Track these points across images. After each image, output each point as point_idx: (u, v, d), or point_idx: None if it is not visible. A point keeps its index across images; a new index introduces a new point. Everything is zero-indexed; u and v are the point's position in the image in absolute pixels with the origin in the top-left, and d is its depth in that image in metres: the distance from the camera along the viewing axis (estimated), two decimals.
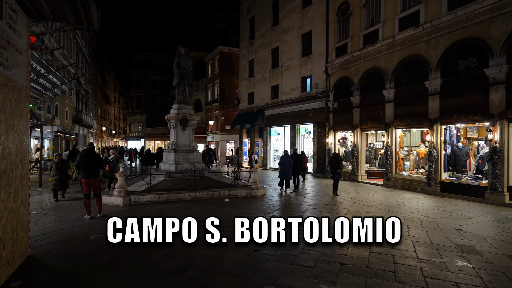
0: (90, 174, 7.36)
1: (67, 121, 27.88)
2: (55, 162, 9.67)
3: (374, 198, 10.42)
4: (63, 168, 9.68)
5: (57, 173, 9.45)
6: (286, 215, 7.72)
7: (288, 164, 11.46)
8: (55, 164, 9.61)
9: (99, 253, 4.89)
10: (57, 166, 9.53)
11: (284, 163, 11.51)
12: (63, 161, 9.99)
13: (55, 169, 9.48)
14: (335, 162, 10.92)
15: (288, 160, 11.50)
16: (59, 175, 9.45)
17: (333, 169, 10.91)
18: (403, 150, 13.25)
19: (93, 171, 7.40)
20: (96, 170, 7.48)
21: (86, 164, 7.34)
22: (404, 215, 7.86)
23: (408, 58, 11.94)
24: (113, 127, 64.52)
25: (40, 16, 4.83)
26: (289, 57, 19.88)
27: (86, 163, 7.34)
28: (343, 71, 15.40)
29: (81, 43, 34.18)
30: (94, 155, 7.67)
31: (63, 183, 9.61)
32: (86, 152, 7.65)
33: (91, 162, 7.39)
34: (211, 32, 41.07)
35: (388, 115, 12.72)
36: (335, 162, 10.93)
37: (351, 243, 5.40)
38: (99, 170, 7.65)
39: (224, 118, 31.18)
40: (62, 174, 9.53)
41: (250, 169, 11.17)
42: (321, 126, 17.13)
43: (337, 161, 10.96)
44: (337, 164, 10.91)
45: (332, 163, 11.00)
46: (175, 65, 11.96)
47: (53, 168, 9.55)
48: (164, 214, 7.66)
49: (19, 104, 4.45)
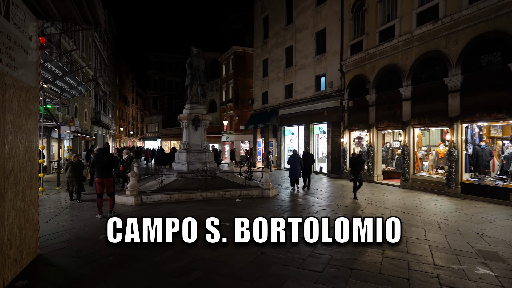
0: (104, 173, 7.45)
1: (86, 122, 28.61)
2: (71, 163, 9.37)
3: (390, 199, 10.05)
4: (79, 169, 9.40)
5: (72, 175, 9.18)
6: (297, 217, 7.52)
7: (297, 163, 11.51)
8: (72, 165, 9.31)
9: (106, 253, 4.88)
10: (73, 168, 9.24)
11: (293, 162, 11.57)
12: (80, 162, 9.69)
13: (71, 170, 9.22)
14: (357, 163, 10.15)
15: (296, 159, 11.55)
16: (74, 177, 9.18)
17: (355, 171, 10.10)
18: (421, 150, 12.75)
19: (106, 170, 7.48)
20: (109, 169, 7.55)
21: (99, 163, 7.45)
22: (421, 217, 7.51)
23: (426, 54, 11.47)
24: (131, 127, 65.95)
25: (48, 17, 4.87)
26: (303, 55, 19.60)
27: (100, 163, 7.46)
28: (358, 69, 15.02)
29: (99, 46, 35.03)
30: (108, 154, 7.76)
31: (79, 186, 9.31)
32: (100, 152, 7.77)
33: (104, 161, 7.49)
34: (225, 33, 41.20)
35: (405, 113, 12.27)
36: (357, 163, 10.15)
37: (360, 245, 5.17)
38: (112, 169, 7.72)
39: (238, 118, 31.19)
40: (77, 176, 9.26)
41: (262, 169, 11.02)
42: (335, 125, 16.78)
43: (358, 162, 10.22)
44: (359, 166, 10.16)
45: (354, 165, 10.21)
46: (187, 65, 11.97)
47: (68, 169, 9.27)
48: (174, 214, 7.64)
49: (28, 105, 4.49)
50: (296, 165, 11.50)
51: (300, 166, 11.56)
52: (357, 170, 10.03)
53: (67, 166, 9.43)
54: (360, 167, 10.17)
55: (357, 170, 10.03)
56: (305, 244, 5.36)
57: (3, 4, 3.70)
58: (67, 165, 9.43)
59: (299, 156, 11.78)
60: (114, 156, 8.94)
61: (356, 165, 10.08)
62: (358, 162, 10.16)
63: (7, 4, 3.81)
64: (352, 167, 10.25)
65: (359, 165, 10.15)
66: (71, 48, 23.56)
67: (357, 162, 10.16)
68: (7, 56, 3.83)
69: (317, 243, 5.29)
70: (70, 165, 9.33)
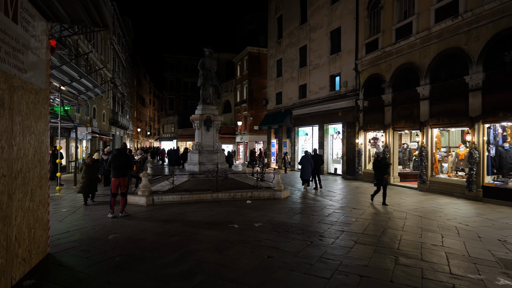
0: (120, 173, 7.59)
1: (104, 123, 29.32)
2: (85, 164, 9.11)
3: (407, 202, 9.70)
4: (93, 170, 9.10)
5: (85, 176, 8.93)
6: (308, 220, 7.35)
7: (308, 164, 11.75)
8: (85, 166, 9.07)
9: (113, 254, 4.90)
10: (87, 168, 8.99)
11: (304, 163, 11.82)
12: (94, 163, 9.31)
13: (85, 171, 8.99)
14: (382, 166, 9.24)
15: (308, 160, 11.78)
16: (87, 177, 8.90)
17: (379, 174, 9.23)
18: (440, 151, 12.26)
19: (123, 170, 7.62)
20: (125, 169, 7.69)
21: (116, 163, 7.58)
22: (439, 222, 7.18)
23: (445, 52, 11.03)
24: (148, 128, 67.19)
25: (58, 20, 4.94)
26: (317, 55, 19.33)
27: (117, 163, 7.58)
28: (374, 68, 14.64)
29: (117, 49, 35.86)
30: (125, 155, 7.86)
31: (92, 187, 9.06)
32: (117, 152, 7.86)
33: (121, 161, 7.62)
34: (240, 34, 41.28)
35: (423, 113, 11.84)
36: (381, 166, 9.24)
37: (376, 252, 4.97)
38: (128, 170, 7.85)
39: (252, 119, 31.15)
40: (91, 177, 8.97)
41: (274, 170, 10.89)
42: (350, 126, 16.43)
43: (384, 165, 9.27)
44: (385, 169, 9.27)
45: (378, 168, 9.29)
46: (199, 66, 11.99)
47: (82, 170, 9.08)
48: (184, 215, 7.64)
49: (37, 106, 4.56)
50: (307, 166, 11.76)
51: (310, 167, 11.80)
52: (381, 174, 9.21)
53: (81, 167, 9.27)
54: (385, 170, 9.31)
55: (382, 174, 9.20)
56: (314, 248, 5.21)
57: (11, 8, 3.76)
58: (81, 166, 9.26)
59: (310, 157, 11.98)
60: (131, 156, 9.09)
61: (381, 169, 9.22)
62: (383, 165, 9.26)
63: (15, 8, 3.86)
64: (376, 170, 9.36)
65: (384, 169, 9.26)
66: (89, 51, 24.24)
67: (382, 165, 9.25)
68: (15, 58, 3.89)
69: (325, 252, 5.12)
70: (84, 165, 9.12)
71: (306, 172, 11.82)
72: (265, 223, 6.85)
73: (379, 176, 9.26)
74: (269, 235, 5.98)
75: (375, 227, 6.70)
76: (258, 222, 6.92)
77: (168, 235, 5.92)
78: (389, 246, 5.38)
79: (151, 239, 5.70)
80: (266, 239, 5.68)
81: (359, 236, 5.93)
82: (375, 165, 9.53)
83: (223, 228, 6.42)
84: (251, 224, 6.78)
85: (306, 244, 5.41)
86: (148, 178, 9.35)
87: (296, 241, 5.62)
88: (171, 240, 5.61)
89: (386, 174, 9.38)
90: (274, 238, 5.78)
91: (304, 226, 6.69)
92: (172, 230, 6.30)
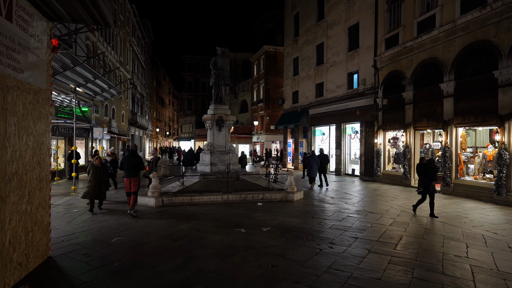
0: (131, 173, 7.88)
1: (123, 123, 29.91)
2: (93, 167, 8.14)
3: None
4: (101, 174, 8.18)
5: (92, 179, 7.97)
6: (320, 225, 6.97)
7: (315, 163, 12.46)
8: (93, 169, 8.10)
9: (113, 259, 4.75)
10: (95, 172, 8.06)
11: (311, 162, 12.48)
12: (103, 165, 8.43)
13: (92, 174, 8.03)
14: (429, 171, 7.77)
15: (314, 160, 12.50)
16: (94, 182, 7.95)
17: (425, 180, 7.80)
18: (466, 152, 11.48)
19: (134, 171, 7.90)
20: (137, 170, 7.94)
21: (128, 164, 7.87)
22: (463, 229, 6.62)
23: (472, 45, 10.29)
24: (167, 128, 68.27)
25: (58, 18, 4.85)
26: (335, 52, 18.75)
27: (128, 164, 7.87)
28: (394, 64, 13.96)
29: (136, 51, 36.53)
30: (136, 156, 8.05)
31: (100, 192, 8.10)
32: (129, 153, 8.08)
33: (133, 163, 7.87)
34: (257, 33, 41.00)
35: (447, 111, 11.12)
36: (428, 171, 7.77)
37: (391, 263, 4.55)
38: (139, 170, 8.03)
39: (269, 118, 30.83)
40: (99, 181, 8.05)
41: (287, 171, 10.55)
42: (369, 125, 15.79)
43: (431, 170, 7.78)
44: (431, 174, 7.77)
45: (423, 173, 7.82)
46: (211, 65, 11.82)
47: (90, 173, 8.10)
48: (192, 217, 7.46)
49: (36, 107, 4.47)
50: (313, 165, 12.43)
51: (317, 165, 12.47)
52: (429, 179, 7.76)
53: (88, 169, 8.27)
54: (433, 176, 7.83)
55: (429, 179, 7.76)
56: (323, 257, 4.85)
57: (4, 6, 3.66)
58: (89, 168, 8.27)
59: (316, 156, 12.78)
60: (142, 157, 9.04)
61: (428, 174, 7.77)
62: (430, 170, 7.78)
63: (9, 6, 3.76)
64: (422, 176, 7.89)
65: (431, 174, 7.79)
66: (108, 53, 24.76)
67: (429, 169, 7.78)
68: (9, 57, 3.79)
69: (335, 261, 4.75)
70: (92, 168, 8.14)
71: (313, 170, 12.45)
72: (274, 228, 6.54)
73: (426, 183, 7.82)
74: (277, 241, 5.67)
75: (392, 234, 6.24)
76: (267, 227, 6.62)
77: (172, 239, 5.73)
78: (406, 256, 4.94)
79: (155, 243, 5.53)
80: (273, 246, 5.38)
81: (374, 244, 5.51)
82: (420, 169, 7.96)
83: (229, 233, 6.17)
84: (259, 228, 6.49)
85: (315, 252, 5.06)
86: (158, 179, 9.25)
87: (305, 248, 5.28)
88: (175, 245, 5.42)
89: (434, 180, 7.86)
90: (282, 244, 5.47)
91: (315, 231, 6.33)
92: (177, 233, 6.12)
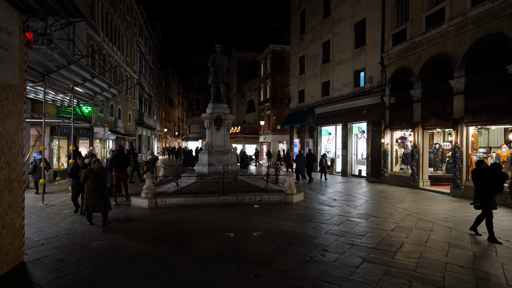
0: (120, 168, 9.30)
1: (130, 123, 29.99)
2: (92, 172, 6.47)
3: (436, 210, 8.55)
4: (103, 180, 6.64)
5: (95, 188, 6.43)
6: (315, 230, 6.56)
7: (302, 162, 14.06)
8: (93, 175, 6.45)
9: (88, 265, 4.47)
10: (96, 178, 6.45)
11: (298, 161, 14.15)
12: (104, 170, 6.80)
13: (93, 182, 6.43)
14: (496, 178, 5.77)
15: (302, 159, 14.13)
16: (97, 191, 6.45)
17: (487, 192, 5.82)
18: (478, 152, 10.83)
19: (122, 166, 9.40)
20: (124, 166, 9.48)
21: (117, 161, 9.30)
22: (471, 236, 6.09)
23: (484, 39, 9.67)
24: (176, 128, 68.57)
25: (32, 11, 4.61)
26: (341, 50, 18.21)
27: (118, 160, 9.31)
28: (401, 60, 13.37)
29: (144, 51, 36.65)
30: (123, 155, 9.72)
31: (104, 202, 6.55)
32: (117, 152, 9.61)
33: (121, 160, 9.39)
34: (265, 32, 40.63)
35: (457, 109, 10.51)
36: (495, 178, 5.77)
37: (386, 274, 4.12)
38: (126, 166, 9.64)
39: (275, 118, 30.41)
40: (103, 189, 6.57)
41: (286, 172, 10.14)
42: (376, 124, 15.22)
43: (497, 177, 5.77)
44: (496, 184, 5.78)
45: (484, 181, 5.84)
46: (210, 63, 11.51)
47: (88, 181, 6.45)
48: (183, 220, 7.15)
49: (5, 104, 4.23)
50: (301, 163, 14.06)
51: (304, 164, 14.02)
52: (490, 191, 5.79)
53: (85, 176, 6.51)
54: (498, 186, 5.81)
55: (492, 191, 5.79)
56: (312, 266, 4.45)
57: None
58: (85, 174, 6.51)
59: (303, 156, 14.51)
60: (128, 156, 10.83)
61: (490, 183, 5.77)
62: (496, 178, 5.77)
63: None
64: (481, 185, 5.90)
65: (496, 183, 5.78)
66: (115, 53, 24.82)
67: (497, 176, 5.78)
68: None
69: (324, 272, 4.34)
70: (91, 175, 6.46)
71: (301, 168, 14.07)
72: (265, 232, 6.17)
73: (487, 195, 5.80)
74: (265, 247, 5.30)
75: (392, 240, 5.77)
76: (258, 231, 6.24)
77: (156, 244, 5.42)
78: (404, 266, 4.49)
79: (136, 248, 5.23)
80: (260, 253, 5.00)
81: (370, 252, 5.07)
82: (478, 176, 5.97)
83: (217, 237, 5.83)
84: (250, 233, 6.12)
85: (304, 261, 4.66)
86: (151, 180, 8.99)
87: (294, 255, 4.88)
88: (156, 250, 5.11)
89: (499, 192, 5.86)
90: (270, 251, 5.09)
91: (309, 236, 5.92)
92: (163, 237, 5.81)
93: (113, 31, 24.31)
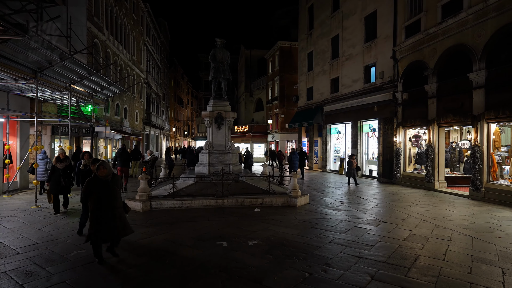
0: (123, 163, 11.22)
1: (137, 123, 29.80)
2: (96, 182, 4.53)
3: (454, 215, 7.78)
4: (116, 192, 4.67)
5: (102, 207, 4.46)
6: (318, 239, 5.92)
7: (295, 159, 14.96)
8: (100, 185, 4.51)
9: (57, 280, 3.97)
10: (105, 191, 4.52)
11: (292, 159, 14.94)
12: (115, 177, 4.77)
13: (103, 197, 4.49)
14: None
15: (295, 156, 15.01)
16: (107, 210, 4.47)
17: None
18: (500, 151, 9.95)
19: (125, 162, 11.31)
20: (127, 161, 11.41)
21: (121, 157, 11.19)
22: (498, 247, 5.34)
23: (507, 27, 8.81)
24: (186, 128, 68.55)
25: None
26: (350, 44, 17.41)
27: (121, 157, 11.20)
28: (415, 54, 12.53)
29: (151, 50, 36.45)
30: (126, 152, 11.47)
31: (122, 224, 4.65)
32: (121, 150, 11.36)
33: (124, 156, 11.23)
34: (273, 29, 39.94)
35: (477, 105, 9.67)
36: None
37: None
38: (129, 161, 11.74)
39: (284, 117, 29.76)
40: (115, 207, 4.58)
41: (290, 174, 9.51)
42: (387, 122, 14.40)
43: None
44: None
45: None
46: (210, 58, 10.93)
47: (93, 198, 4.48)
48: (174, 226, 6.62)
49: None
50: (295, 161, 14.88)
51: (297, 161, 15.03)
52: None
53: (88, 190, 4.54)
54: None
55: None
56: (310, 285, 3.83)
57: None
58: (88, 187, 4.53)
59: (297, 154, 15.31)
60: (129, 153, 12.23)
61: None
62: None
63: None
64: None
65: None
66: (121, 52, 24.60)
67: None
68: None
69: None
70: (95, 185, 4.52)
71: (295, 165, 14.85)
72: (262, 241, 5.57)
73: None
74: (260, 259, 4.70)
75: (405, 252, 5.09)
76: (254, 239, 5.65)
77: (137, 255, 4.89)
78: (420, 286, 3.82)
79: (114, 259, 4.71)
80: (252, 267, 4.41)
81: (380, 267, 4.41)
82: None
83: (208, 247, 5.26)
84: (245, 241, 5.53)
85: (302, 278, 4.05)
86: (146, 181, 8.50)
87: (291, 271, 4.27)
88: (138, 262, 4.58)
89: None
90: (264, 264, 4.49)
91: (311, 247, 5.29)
92: (148, 246, 5.29)
93: (118, 30, 24.06)
